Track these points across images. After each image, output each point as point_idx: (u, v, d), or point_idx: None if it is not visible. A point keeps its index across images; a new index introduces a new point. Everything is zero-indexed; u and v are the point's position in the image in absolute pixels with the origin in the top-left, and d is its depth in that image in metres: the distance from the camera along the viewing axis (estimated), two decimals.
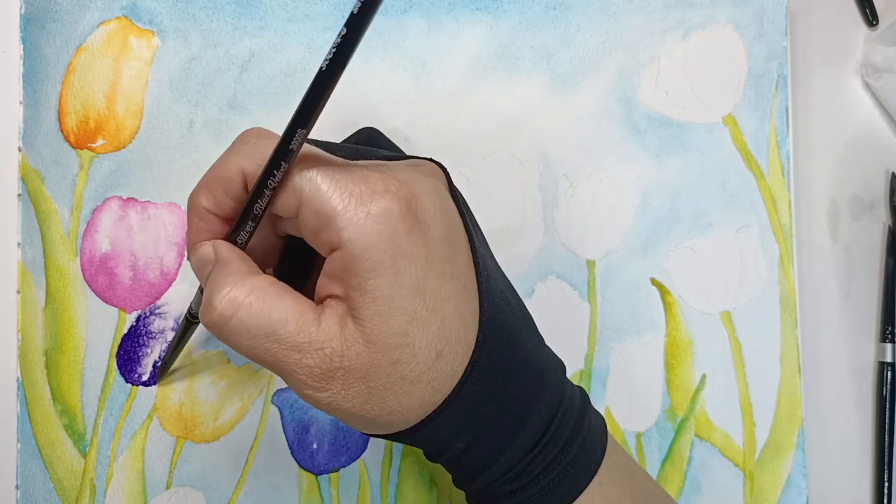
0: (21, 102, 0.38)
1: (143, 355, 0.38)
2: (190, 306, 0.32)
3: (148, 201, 0.38)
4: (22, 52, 0.38)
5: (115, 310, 0.38)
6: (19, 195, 0.38)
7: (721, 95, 0.41)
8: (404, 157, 0.26)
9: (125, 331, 0.38)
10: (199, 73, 0.39)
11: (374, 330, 0.23)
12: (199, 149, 0.39)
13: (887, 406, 0.41)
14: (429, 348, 0.23)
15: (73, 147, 0.38)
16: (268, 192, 0.23)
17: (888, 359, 0.41)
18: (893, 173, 0.43)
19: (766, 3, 0.41)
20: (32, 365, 0.37)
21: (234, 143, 0.25)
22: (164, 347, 0.38)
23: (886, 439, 0.41)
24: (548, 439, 0.26)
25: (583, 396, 0.29)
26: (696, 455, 0.39)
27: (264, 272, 0.27)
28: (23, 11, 0.38)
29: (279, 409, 0.38)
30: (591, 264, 0.40)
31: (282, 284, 0.24)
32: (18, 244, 0.38)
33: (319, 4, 0.39)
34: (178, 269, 0.38)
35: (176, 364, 0.38)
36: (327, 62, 0.21)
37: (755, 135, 0.40)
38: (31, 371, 0.37)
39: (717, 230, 0.40)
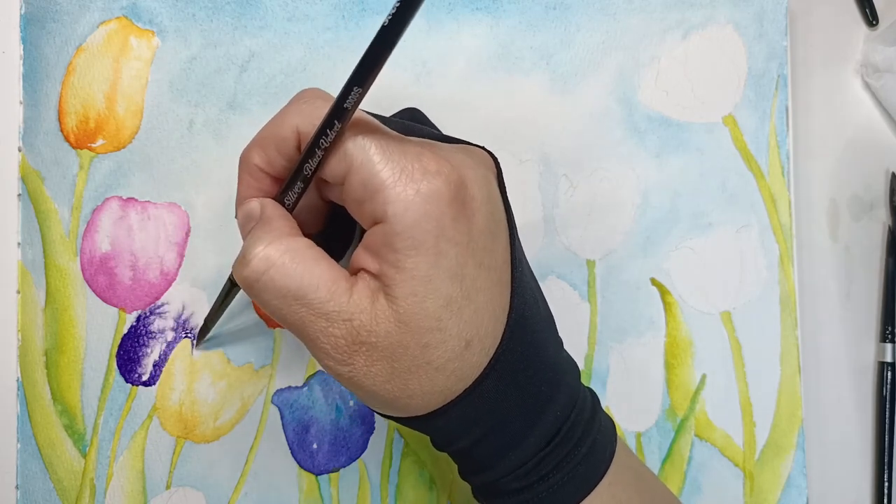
0: (21, 102, 0.38)
1: (143, 355, 0.38)
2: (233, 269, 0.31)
3: (148, 201, 0.38)
4: (22, 52, 0.38)
5: (115, 310, 0.38)
6: (19, 195, 0.38)
7: (721, 95, 0.41)
8: (457, 140, 0.26)
9: (125, 331, 0.38)
10: (199, 73, 0.39)
11: (407, 310, 0.22)
12: (199, 149, 0.39)
13: (887, 406, 0.41)
14: (459, 336, 0.23)
15: (73, 147, 0.38)
16: (319, 153, 0.23)
17: (888, 359, 0.41)
18: (893, 173, 0.43)
19: (766, 3, 0.41)
20: (32, 365, 0.37)
21: (291, 102, 0.25)
22: (164, 347, 0.38)
23: (886, 439, 0.41)
24: (559, 439, 0.26)
25: (594, 399, 0.29)
26: (696, 455, 0.39)
27: (308, 236, 0.27)
28: (23, 11, 0.38)
29: (279, 409, 0.38)
30: (591, 264, 0.40)
31: (319, 250, 0.24)
32: (18, 244, 0.38)
33: (319, 4, 0.39)
34: (178, 269, 0.38)
35: (175, 367, 0.38)
36: (389, 18, 0.20)
37: (755, 135, 0.40)
38: (31, 371, 0.37)
39: (717, 230, 0.40)
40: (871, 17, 0.43)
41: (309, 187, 0.25)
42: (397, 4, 0.20)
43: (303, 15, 0.39)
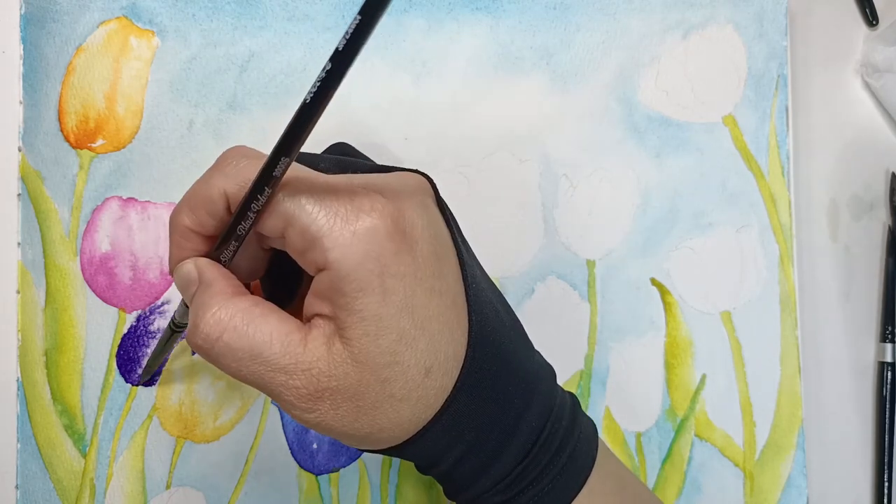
0: (21, 102, 0.38)
1: (143, 355, 0.38)
2: (173, 316, 0.31)
3: (148, 201, 0.38)
4: (22, 52, 0.38)
5: (115, 310, 0.38)
6: (19, 195, 0.38)
7: (721, 95, 0.41)
8: (389, 168, 0.26)
9: (125, 331, 0.38)
10: (199, 73, 0.39)
11: (362, 350, 0.22)
12: (199, 149, 0.39)
13: (887, 406, 0.41)
14: (417, 366, 0.23)
15: (73, 147, 0.38)
16: (251, 215, 0.23)
17: (888, 359, 0.41)
18: (893, 173, 0.43)
19: (766, 3, 0.41)
20: (32, 365, 0.37)
21: (215, 164, 0.24)
22: None
23: (886, 439, 0.41)
24: (537, 450, 0.26)
25: (573, 403, 0.28)
26: (696, 455, 0.39)
27: (252, 283, 0.26)
28: (23, 11, 0.38)
29: (279, 409, 0.38)
30: (591, 264, 0.40)
31: (267, 304, 0.24)
32: (18, 244, 0.38)
33: (319, 4, 0.39)
34: None
35: (176, 366, 0.38)
36: (311, 95, 0.20)
37: (755, 135, 0.40)
38: (31, 371, 0.37)
39: (717, 230, 0.40)
40: (871, 17, 0.43)
41: (247, 239, 0.24)
42: (318, 83, 0.20)
43: (303, 15, 0.39)
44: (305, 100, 0.21)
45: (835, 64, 0.43)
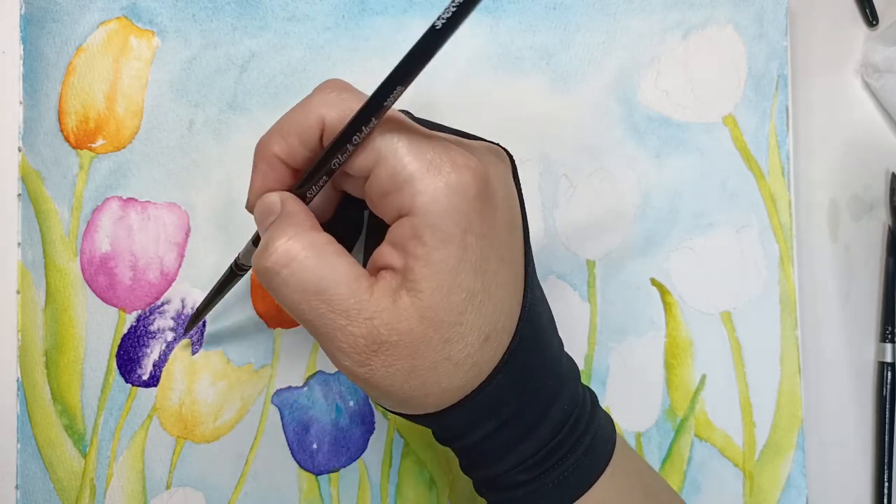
0: (21, 102, 0.38)
1: (143, 355, 0.38)
2: (237, 256, 0.30)
3: (148, 201, 0.38)
4: (22, 52, 0.38)
5: (115, 310, 0.38)
6: (19, 195, 0.38)
7: (721, 95, 0.41)
8: (475, 137, 0.26)
9: (125, 331, 0.38)
10: (199, 73, 0.39)
11: (432, 304, 0.22)
12: (199, 149, 0.39)
13: (887, 406, 0.41)
14: (479, 330, 0.23)
15: (73, 147, 0.38)
16: (350, 147, 0.22)
17: (888, 359, 0.41)
18: (893, 173, 0.43)
19: (766, 3, 0.41)
20: (32, 365, 0.37)
21: (316, 92, 0.24)
22: (164, 347, 0.38)
23: (886, 439, 0.41)
24: (565, 432, 0.26)
25: (592, 395, 0.29)
26: (696, 455, 0.39)
27: None
28: (23, 11, 0.38)
29: (279, 409, 0.38)
30: (591, 264, 0.40)
31: (340, 246, 0.23)
32: (18, 244, 0.38)
33: (319, 4, 0.39)
34: (178, 269, 0.38)
35: (175, 367, 0.38)
36: (443, 21, 0.20)
37: (755, 135, 0.40)
38: (31, 371, 0.37)
39: (717, 230, 0.40)
40: (871, 17, 0.43)
41: None
42: (454, 8, 0.19)
43: (303, 15, 0.39)
44: (435, 25, 0.20)
45: (835, 64, 0.43)
